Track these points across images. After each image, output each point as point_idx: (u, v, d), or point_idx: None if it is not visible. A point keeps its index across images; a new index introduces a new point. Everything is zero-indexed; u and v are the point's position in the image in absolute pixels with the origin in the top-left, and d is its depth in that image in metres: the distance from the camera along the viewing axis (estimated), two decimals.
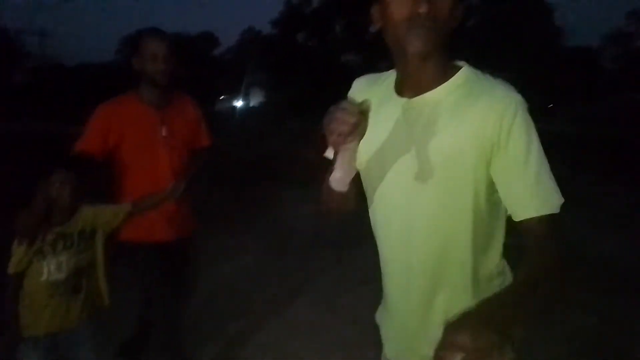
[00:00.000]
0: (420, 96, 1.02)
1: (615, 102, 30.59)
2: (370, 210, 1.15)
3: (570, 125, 25.34)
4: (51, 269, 1.81)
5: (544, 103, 31.90)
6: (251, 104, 39.08)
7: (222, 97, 41.00)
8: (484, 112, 0.95)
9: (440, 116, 0.99)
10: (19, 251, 1.77)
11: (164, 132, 2.11)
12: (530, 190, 0.94)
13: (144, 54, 2.06)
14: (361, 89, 1.15)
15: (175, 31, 49.54)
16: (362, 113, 0.92)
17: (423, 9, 0.90)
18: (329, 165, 1.02)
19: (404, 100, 1.03)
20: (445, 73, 1.02)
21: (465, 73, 1.03)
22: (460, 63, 1.06)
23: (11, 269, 1.79)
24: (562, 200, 0.96)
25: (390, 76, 1.12)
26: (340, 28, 42.54)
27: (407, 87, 1.04)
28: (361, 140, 0.98)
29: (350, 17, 40.78)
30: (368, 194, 1.14)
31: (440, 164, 0.98)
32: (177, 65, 2.14)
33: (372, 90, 1.12)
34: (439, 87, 1.01)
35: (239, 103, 38.13)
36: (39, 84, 36.82)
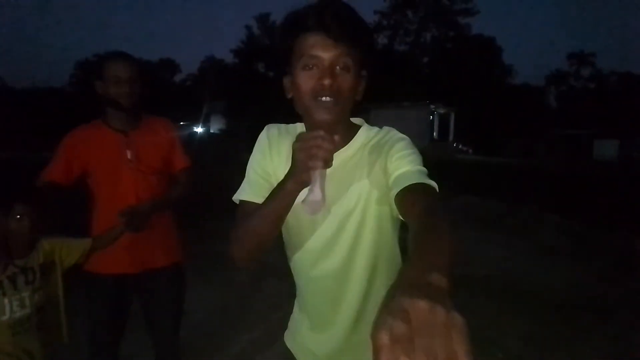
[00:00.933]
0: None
1: (555, 137, 32.60)
2: (291, 262, 1.24)
3: (513, 157, 26.80)
4: (13, 306, 1.70)
5: (492, 136, 33.54)
6: (211, 131, 38.85)
7: (182, 123, 40.64)
8: (378, 161, 1.08)
9: (347, 173, 1.11)
10: None
11: (129, 156, 2.03)
12: (415, 171, 0.99)
13: (107, 77, 1.98)
14: (274, 136, 1.20)
15: (135, 57, 49.03)
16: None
17: (327, 82, 0.99)
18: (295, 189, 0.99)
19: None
20: (349, 133, 1.15)
21: (363, 132, 1.16)
22: (358, 121, 1.19)
23: None
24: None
25: (298, 129, 1.21)
26: None
27: None
28: None
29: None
30: (288, 244, 1.22)
31: (349, 213, 1.10)
32: (142, 88, 2.06)
33: (284, 140, 1.19)
34: (345, 147, 1.13)
35: (199, 129, 37.91)
36: None
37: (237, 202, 1.17)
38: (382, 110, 24.46)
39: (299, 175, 0.94)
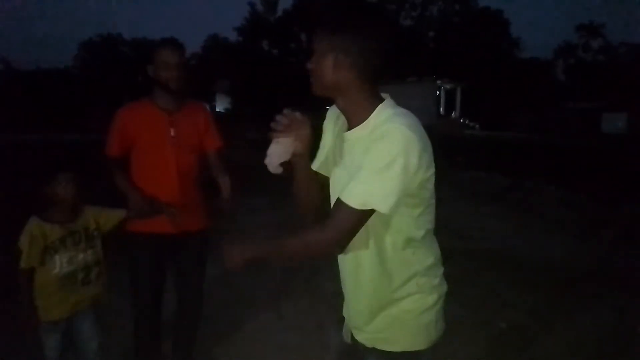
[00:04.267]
0: (349, 132, 1.28)
1: (562, 110, 32.17)
2: None
3: (521, 132, 26.56)
4: (63, 262, 2.04)
5: (499, 111, 33.19)
6: (217, 110, 38.81)
7: None
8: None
9: (358, 150, 1.22)
10: (26, 246, 1.98)
11: (172, 133, 2.29)
12: (350, 183, 1.15)
13: (157, 62, 2.21)
14: (331, 116, 1.42)
15: (138, 36, 48.58)
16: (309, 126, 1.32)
17: (308, 66, 1.27)
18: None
19: (342, 132, 1.32)
20: (366, 111, 1.23)
21: (378, 112, 1.22)
22: (384, 96, 1.27)
23: (23, 263, 1.99)
24: (362, 203, 1.12)
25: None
26: (305, 36, 42.95)
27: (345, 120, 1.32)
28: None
29: (315, 26, 41.10)
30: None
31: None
32: (190, 73, 2.33)
33: (339, 119, 1.38)
34: (361, 125, 1.24)
35: None
36: None
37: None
38: (387, 86, 24.05)
39: None
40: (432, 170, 1.19)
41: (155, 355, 2.48)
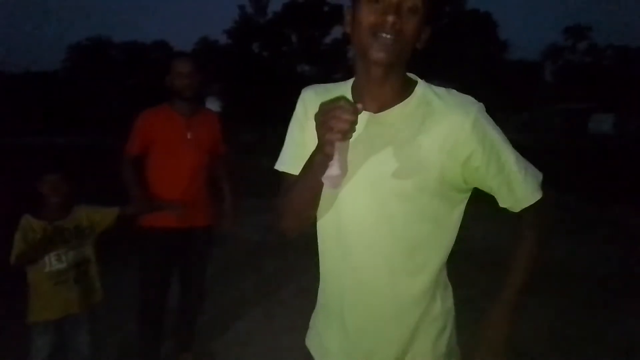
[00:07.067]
0: (387, 111, 1.02)
1: (551, 111, 32.54)
2: (319, 222, 1.12)
3: (510, 133, 26.71)
4: (52, 259, 2.08)
5: (490, 113, 33.44)
6: None
7: None
8: (450, 125, 0.98)
9: (408, 131, 1.00)
10: (20, 242, 2.04)
11: (189, 136, 2.51)
12: (524, 181, 1.03)
13: (172, 72, 2.46)
14: (311, 99, 1.11)
15: (129, 40, 48.29)
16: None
17: (390, 19, 0.91)
18: (320, 165, 0.95)
19: (367, 114, 1.01)
20: (405, 88, 1.04)
21: (422, 87, 1.05)
22: (413, 76, 1.08)
23: (12, 258, 2.03)
24: (541, 175, 1.08)
25: (341, 88, 1.11)
26: (296, 39, 43.01)
27: (368, 100, 1.01)
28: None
29: (306, 28, 41.31)
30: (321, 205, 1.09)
31: (406, 175, 0.99)
32: (201, 82, 2.58)
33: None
34: (403, 103, 1.02)
35: None
36: None
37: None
38: None
39: (324, 148, 0.90)
40: None
41: (156, 354, 2.57)
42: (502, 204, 1.07)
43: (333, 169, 0.92)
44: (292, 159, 1.11)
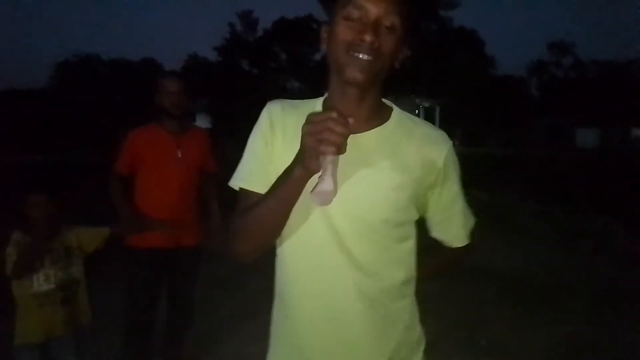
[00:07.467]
0: (362, 134, 0.98)
1: (537, 126, 33.03)
2: (281, 247, 1.03)
3: (497, 147, 27.14)
4: (40, 280, 2.04)
5: (475, 127, 33.90)
6: None
7: None
8: (422, 154, 1.00)
9: (381, 155, 0.97)
10: (13, 255, 1.99)
11: (179, 155, 2.50)
12: (462, 226, 1.12)
13: (161, 91, 2.46)
14: (277, 114, 1.03)
15: (116, 57, 48.29)
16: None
17: (368, 39, 0.89)
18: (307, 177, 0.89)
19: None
20: (381, 112, 1.03)
21: (398, 114, 1.05)
22: (387, 102, 1.07)
23: (8, 269, 1.98)
24: (474, 222, 1.16)
25: (310, 105, 1.06)
26: (285, 56, 43.36)
27: None
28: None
29: (295, 46, 41.69)
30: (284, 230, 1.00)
31: (377, 198, 0.97)
32: (189, 100, 2.57)
33: (289, 118, 1.02)
34: (379, 127, 1.01)
35: None
36: None
37: (238, 189, 1.04)
38: None
39: (308, 162, 0.84)
40: None
41: None
42: (434, 234, 1.14)
43: (326, 184, 0.84)
44: (253, 175, 1.02)
